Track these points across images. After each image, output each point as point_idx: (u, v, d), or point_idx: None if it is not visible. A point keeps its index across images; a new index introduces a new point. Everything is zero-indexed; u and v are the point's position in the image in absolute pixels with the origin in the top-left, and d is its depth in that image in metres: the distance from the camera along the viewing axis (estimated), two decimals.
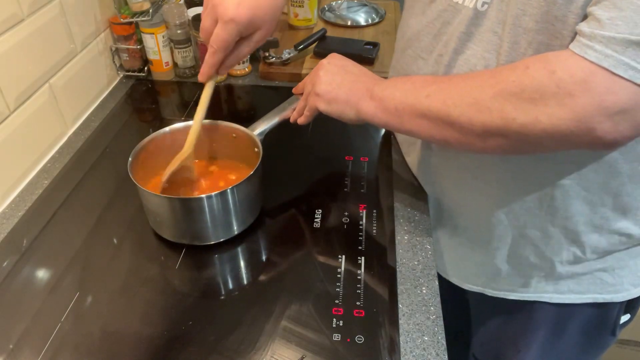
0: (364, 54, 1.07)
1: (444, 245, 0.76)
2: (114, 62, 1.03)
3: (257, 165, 0.67)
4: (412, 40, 0.67)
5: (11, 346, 0.57)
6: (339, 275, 0.64)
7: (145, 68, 1.05)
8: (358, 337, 0.57)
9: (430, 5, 0.63)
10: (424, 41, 0.64)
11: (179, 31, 1.00)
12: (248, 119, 0.75)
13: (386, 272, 0.65)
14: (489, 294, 0.74)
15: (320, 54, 1.09)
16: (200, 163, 0.75)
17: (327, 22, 1.25)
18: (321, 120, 0.68)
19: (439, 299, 0.62)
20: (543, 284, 0.69)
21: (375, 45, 1.10)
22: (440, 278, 0.69)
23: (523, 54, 0.52)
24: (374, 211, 0.73)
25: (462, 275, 0.76)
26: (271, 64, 1.06)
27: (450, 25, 0.60)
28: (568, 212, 0.61)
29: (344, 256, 0.66)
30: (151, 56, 1.02)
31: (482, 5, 0.55)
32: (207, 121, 0.73)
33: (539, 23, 0.50)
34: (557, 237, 0.64)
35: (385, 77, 1.03)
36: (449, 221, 0.74)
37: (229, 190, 0.64)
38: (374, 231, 0.70)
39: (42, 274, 0.65)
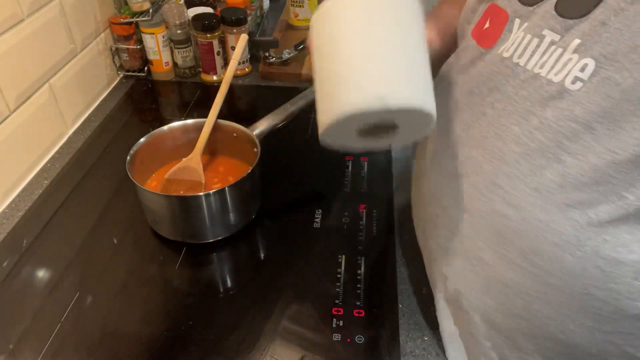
0: None
1: None
2: (114, 62, 1.03)
3: (254, 165, 0.67)
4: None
5: (11, 346, 0.57)
6: (339, 275, 0.64)
7: (145, 68, 1.05)
8: (358, 337, 0.57)
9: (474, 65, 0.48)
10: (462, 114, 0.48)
11: (179, 31, 1.00)
12: (248, 119, 0.75)
13: (386, 272, 0.65)
14: None
15: None
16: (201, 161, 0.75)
17: None
18: None
19: None
20: None
21: None
22: None
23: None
24: (374, 211, 0.73)
25: None
26: (271, 64, 1.06)
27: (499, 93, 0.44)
28: None
29: (344, 256, 0.66)
30: (151, 56, 1.02)
31: (574, 82, 0.38)
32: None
33: None
34: None
35: None
36: None
37: (226, 188, 0.65)
38: (374, 231, 0.70)
39: (42, 274, 0.65)
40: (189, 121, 0.74)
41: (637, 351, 0.41)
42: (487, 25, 0.48)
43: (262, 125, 0.72)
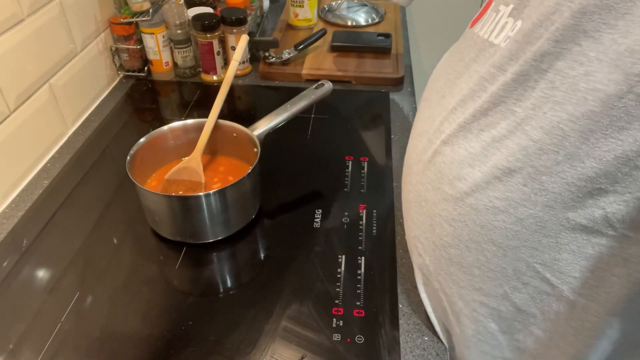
0: (379, 45, 1.10)
1: None
2: (114, 62, 1.03)
3: (254, 165, 0.67)
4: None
5: (11, 346, 0.57)
6: (339, 275, 0.64)
7: (145, 68, 1.05)
8: (358, 337, 0.57)
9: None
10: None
11: (179, 31, 1.00)
12: (248, 119, 0.75)
13: (386, 272, 0.65)
14: None
15: (337, 48, 1.11)
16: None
17: (327, 22, 1.25)
18: (321, 120, 0.68)
19: None
20: None
21: (387, 36, 1.13)
22: None
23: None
24: (374, 211, 0.73)
25: None
26: (271, 64, 1.06)
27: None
28: None
29: (344, 256, 0.66)
30: (151, 56, 1.02)
31: (505, 41, 0.44)
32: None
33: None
34: None
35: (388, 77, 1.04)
36: None
37: (226, 188, 0.65)
38: (374, 231, 0.70)
39: (42, 274, 0.65)
40: (189, 121, 0.75)
41: (545, 270, 0.43)
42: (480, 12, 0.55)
43: (262, 125, 0.72)
